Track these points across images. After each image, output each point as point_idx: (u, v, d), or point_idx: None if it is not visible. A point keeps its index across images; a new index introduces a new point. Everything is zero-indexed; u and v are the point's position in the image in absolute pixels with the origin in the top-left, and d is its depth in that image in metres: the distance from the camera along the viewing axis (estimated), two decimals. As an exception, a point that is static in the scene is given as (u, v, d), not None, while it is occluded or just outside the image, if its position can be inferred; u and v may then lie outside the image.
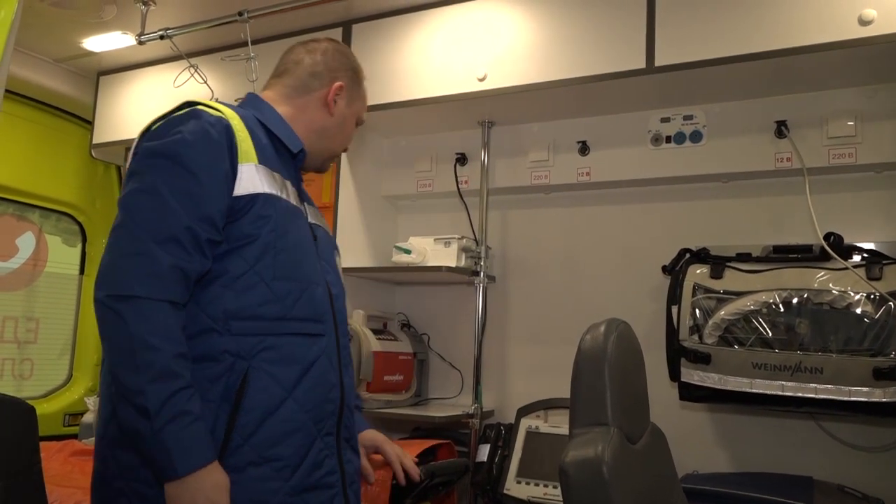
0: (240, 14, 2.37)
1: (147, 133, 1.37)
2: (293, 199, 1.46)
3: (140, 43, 2.56)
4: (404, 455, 1.72)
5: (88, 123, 3.14)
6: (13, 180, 2.99)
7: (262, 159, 1.40)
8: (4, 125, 2.91)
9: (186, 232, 1.25)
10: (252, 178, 1.35)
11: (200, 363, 1.28)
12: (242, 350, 1.31)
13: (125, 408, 1.21)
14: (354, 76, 1.62)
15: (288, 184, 1.46)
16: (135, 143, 1.38)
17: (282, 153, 1.49)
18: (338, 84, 1.57)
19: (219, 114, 1.36)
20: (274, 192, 1.39)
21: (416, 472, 1.71)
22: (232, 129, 1.35)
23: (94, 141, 3.05)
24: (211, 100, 1.44)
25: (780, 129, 2.14)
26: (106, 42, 2.78)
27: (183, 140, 1.30)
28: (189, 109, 1.37)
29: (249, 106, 1.53)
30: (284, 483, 1.31)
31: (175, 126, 1.33)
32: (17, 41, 0.89)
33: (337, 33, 2.53)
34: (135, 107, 2.95)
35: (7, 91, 0.90)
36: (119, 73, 3.03)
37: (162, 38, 2.52)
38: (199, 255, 1.27)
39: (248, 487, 1.28)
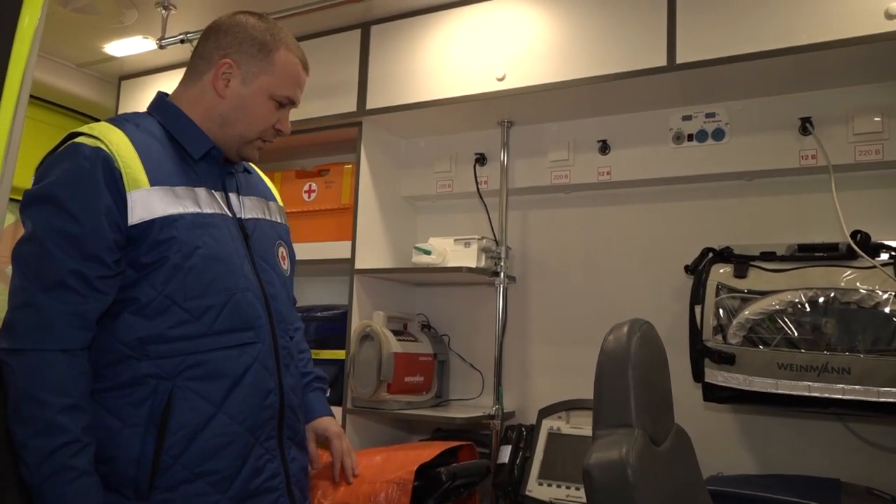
0: (259, 17, 2.38)
1: (36, 171, 1.34)
2: (207, 207, 1.39)
3: (161, 47, 2.59)
4: (348, 453, 1.70)
5: (111, 127, 3.17)
6: (38, 184, 3.03)
7: (157, 178, 1.33)
8: (28, 130, 2.93)
9: (73, 275, 1.24)
10: (145, 204, 1.30)
11: (123, 389, 1.29)
12: (164, 372, 1.29)
13: (20, 459, 1.21)
14: (254, 49, 1.44)
15: (201, 191, 1.39)
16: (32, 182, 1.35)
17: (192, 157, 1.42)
18: (224, 62, 1.43)
19: (97, 143, 1.30)
20: (174, 211, 1.32)
21: (350, 473, 1.68)
22: (112, 159, 1.29)
23: (117, 145, 3.08)
24: (103, 122, 1.37)
25: (805, 125, 2.11)
26: (127, 47, 2.81)
27: (57, 182, 1.27)
28: (68, 145, 1.32)
29: (155, 110, 1.46)
30: (223, 495, 1.31)
31: (52, 167, 1.30)
32: (40, 47, 0.90)
33: (356, 35, 2.54)
34: (156, 110, 2.98)
35: (31, 96, 0.91)
36: (140, 77, 3.06)
37: (182, 41, 2.54)
38: (94, 293, 1.26)
39: None
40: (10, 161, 0.84)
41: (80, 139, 1.31)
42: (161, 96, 1.49)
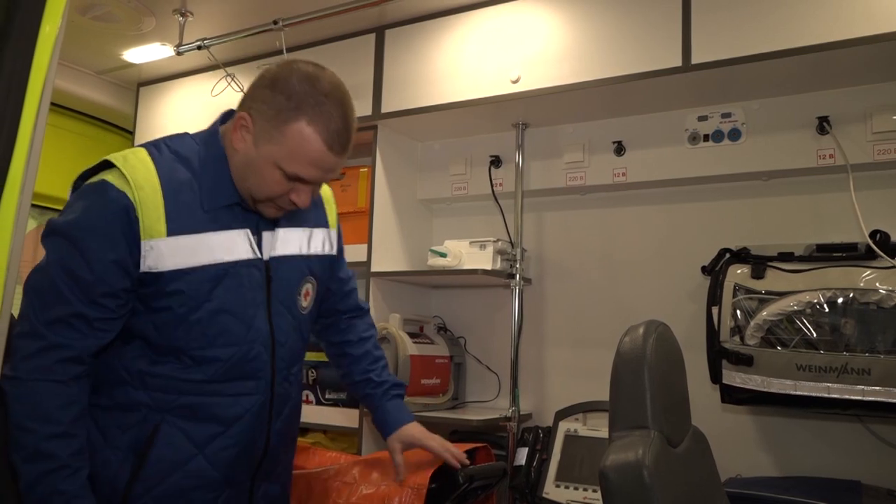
0: (274, 23, 2.40)
1: (71, 188, 1.36)
2: (227, 254, 1.34)
3: (178, 53, 2.62)
4: (444, 445, 1.68)
5: (129, 133, 3.21)
6: (58, 190, 3.06)
7: (178, 226, 1.30)
8: (49, 136, 2.97)
9: (76, 316, 1.27)
10: (157, 256, 1.29)
11: (115, 411, 1.32)
12: (156, 403, 1.32)
13: (18, 481, 1.24)
14: (271, 113, 1.30)
15: (226, 235, 1.35)
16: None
17: None
18: (240, 114, 1.34)
19: (124, 187, 1.27)
20: (185, 265, 1.30)
21: (460, 459, 1.67)
22: (132, 207, 1.27)
23: (135, 150, 3.12)
24: (143, 150, 1.34)
25: (822, 124, 2.09)
26: (145, 53, 2.84)
27: (77, 222, 1.28)
28: (97, 181, 1.30)
29: (203, 141, 1.40)
30: None
31: (80, 198, 1.31)
32: (60, 55, 0.92)
33: (370, 39, 2.55)
34: (174, 116, 3.01)
35: (51, 103, 0.93)
36: (158, 83, 3.10)
37: (199, 48, 2.57)
38: (93, 332, 1.28)
39: None
40: (31, 168, 0.85)
41: (110, 178, 1.29)
42: (215, 127, 1.42)
